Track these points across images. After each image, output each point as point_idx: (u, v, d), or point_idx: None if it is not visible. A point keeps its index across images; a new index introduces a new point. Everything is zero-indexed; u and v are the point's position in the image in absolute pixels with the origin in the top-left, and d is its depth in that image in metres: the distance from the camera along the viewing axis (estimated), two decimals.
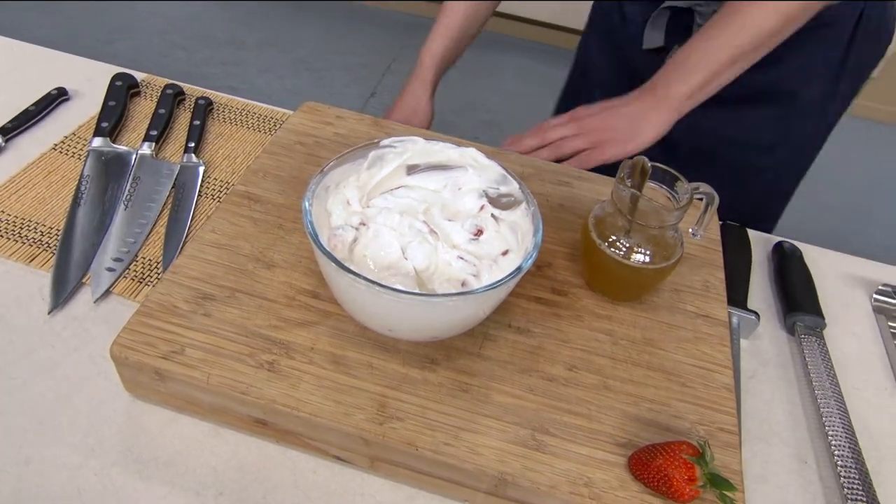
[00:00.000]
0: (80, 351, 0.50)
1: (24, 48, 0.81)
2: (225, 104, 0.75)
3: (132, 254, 0.57)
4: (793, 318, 0.61)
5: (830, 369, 0.57)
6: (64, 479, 0.43)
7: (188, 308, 0.48)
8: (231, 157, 0.69)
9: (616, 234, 0.52)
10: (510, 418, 0.45)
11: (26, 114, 0.68)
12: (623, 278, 0.52)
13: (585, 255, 0.55)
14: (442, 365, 0.48)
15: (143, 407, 0.48)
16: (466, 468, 0.42)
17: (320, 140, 0.65)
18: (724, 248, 0.62)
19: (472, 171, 0.51)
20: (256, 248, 0.53)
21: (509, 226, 0.49)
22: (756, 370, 0.58)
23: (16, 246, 0.56)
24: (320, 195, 0.47)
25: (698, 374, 0.50)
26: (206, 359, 0.45)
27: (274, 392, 0.44)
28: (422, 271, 0.46)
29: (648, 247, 0.51)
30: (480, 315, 0.47)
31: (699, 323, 0.54)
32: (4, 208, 0.59)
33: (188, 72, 2.23)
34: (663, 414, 0.47)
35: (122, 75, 0.73)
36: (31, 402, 0.47)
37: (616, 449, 0.44)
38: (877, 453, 0.53)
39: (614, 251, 0.51)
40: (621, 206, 0.50)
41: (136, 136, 0.69)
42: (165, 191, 0.63)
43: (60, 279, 0.54)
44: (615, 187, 0.50)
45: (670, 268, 0.52)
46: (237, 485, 0.44)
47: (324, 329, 0.48)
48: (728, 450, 0.45)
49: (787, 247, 0.68)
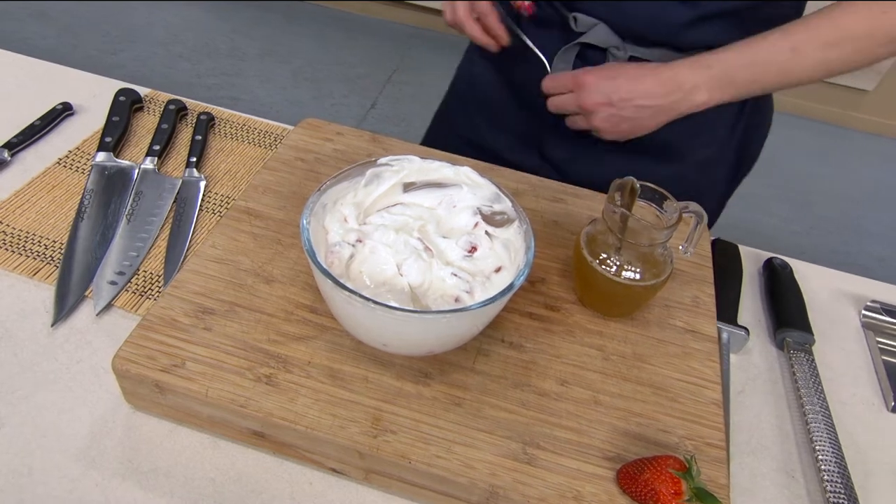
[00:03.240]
0: (82, 363, 0.51)
1: (31, 63, 0.82)
2: (226, 119, 0.77)
3: (134, 267, 0.58)
4: (782, 333, 0.62)
5: (819, 384, 0.58)
6: (66, 489, 0.44)
7: (189, 322, 0.49)
8: (232, 171, 0.70)
9: (607, 251, 0.53)
10: (502, 432, 0.46)
11: (32, 128, 0.70)
12: (614, 295, 0.53)
13: (578, 272, 0.56)
14: (436, 379, 0.49)
15: (144, 418, 0.49)
16: (459, 481, 0.43)
17: (320, 156, 0.67)
18: (714, 264, 0.63)
19: (467, 188, 0.53)
20: (256, 263, 0.55)
21: (502, 243, 0.50)
22: (745, 385, 0.59)
23: (20, 259, 0.57)
24: (318, 212, 0.48)
25: (687, 389, 0.51)
26: (205, 372, 0.46)
27: (271, 405, 0.45)
28: (416, 287, 0.47)
29: (638, 264, 0.52)
30: (474, 331, 0.48)
31: (688, 338, 0.55)
32: (9, 222, 0.60)
33: (191, 83, 2.26)
34: (652, 428, 0.48)
35: (125, 91, 0.75)
36: (34, 413, 0.48)
37: (605, 463, 0.45)
38: (864, 468, 0.54)
39: (605, 269, 0.52)
40: (611, 225, 0.51)
41: (138, 150, 0.70)
42: (167, 205, 0.64)
43: (63, 292, 0.55)
44: (605, 206, 0.52)
45: (660, 285, 0.53)
46: (235, 496, 0.45)
47: (321, 343, 0.49)
48: (715, 464, 0.46)
49: (777, 263, 0.69)
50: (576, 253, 0.55)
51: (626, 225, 0.51)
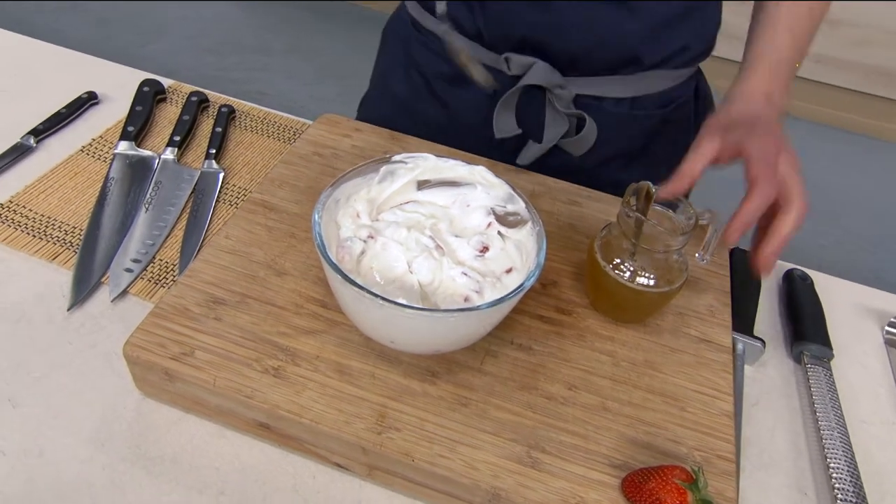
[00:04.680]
0: (96, 348, 0.52)
1: (60, 52, 0.84)
2: (247, 112, 0.77)
3: (150, 256, 0.59)
4: (800, 346, 0.60)
5: (836, 401, 0.57)
6: (74, 471, 0.45)
7: (200, 311, 0.50)
8: (250, 164, 0.71)
9: (621, 256, 0.52)
10: (507, 434, 0.46)
11: (58, 116, 0.71)
12: (627, 301, 0.53)
13: (590, 277, 0.56)
14: (442, 378, 0.48)
15: (153, 405, 0.49)
16: (461, 481, 0.43)
17: (337, 152, 0.67)
18: (732, 272, 0.62)
19: (481, 188, 0.52)
20: (269, 256, 0.55)
21: (515, 244, 0.49)
22: (759, 398, 0.57)
23: (40, 244, 0.58)
24: (330, 207, 0.48)
25: (698, 399, 0.50)
26: (213, 362, 0.47)
27: (278, 398, 0.45)
28: (426, 285, 0.47)
29: (653, 270, 0.51)
30: (482, 331, 0.47)
31: (702, 348, 0.54)
32: (32, 207, 0.62)
33: (217, 76, 2.28)
34: (661, 438, 0.47)
35: (149, 81, 0.76)
36: (48, 395, 0.49)
37: (611, 470, 0.45)
38: (879, 489, 0.52)
39: (618, 273, 0.52)
40: (626, 230, 0.51)
41: (160, 140, 0.71)
42: (185, 195, 0.65)
43: (81, 278, 0.56)
44: (620, 211, 0.51)
45: (674, 292, 0.52)
46: (238, 486, 0.46)
47: (329, 338, 0.49)
48: (724, 477, 0.45)
49: (797, 274, 0.67)
50: (589, 257, 0.54)
51: (641, 230, 0.50)
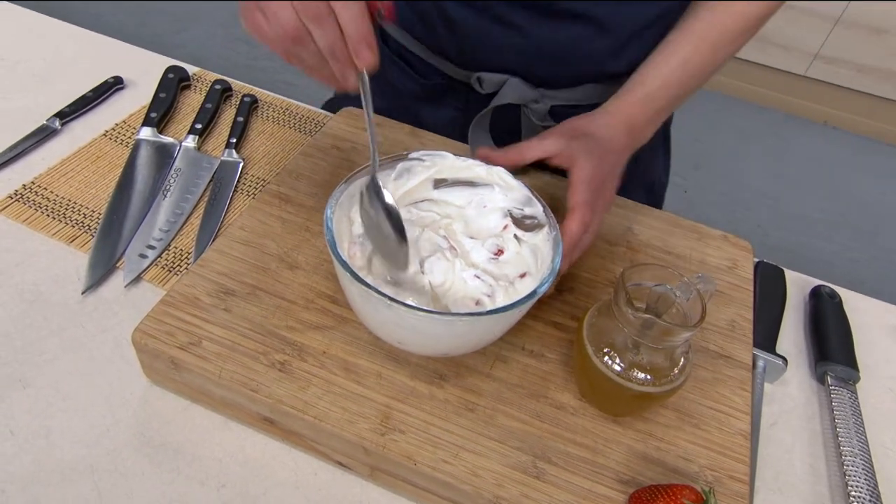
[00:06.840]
0: (107, 333, 0.52)
1: (89, 37, 0.84)
2: (270, 102, 0.77)
3: (165, 242, 0.59)
4: (824, 366, 0.58)
5: (860, 425, 0.55)
6: (79, 454, 0.45)
7: (210, 302, 0.49)
8: (270, 154, 0.71)
9: (614, 347, 0.45)
10: (513, 442, 0.45)
11: (83, 100, 0.72)
12: (620, 397, 0.45)
13: (579, 365, 0.48)
14: (450, 381, 0.47)
15: (159, 393, 0.49)
16: (463, 488, 0.42)
17: (356, 146, 0.66)
18: (756, 287, 0.60)
19: (499, 189, 0.51)
20: (282, 249, 0.54)
21: (530, 248, 0.48)
22: (779, 417, 0.55)
23: (59, 226, 0.59)
24: (344, 203, 0.47)
25: (714, 416, 0.48)
26: (220, 353, 0.46)
27: (282, 392, 0.45)
28: (437, 286, 0.46)
29: (652, 364, 0.44)
30: (492, 336, 0.46)
31: (720, 364, 0.52)
32: (53, 189, 0.62)
33: (247, 65, 2.30)
34: (672, 454, 0.46)
35: (174, 68, 0.76)
36: (57, 377, 0.49)
37: (618, 485, 0.43)
38: None
39: (612, 366, 0.44)
40: (628, 328, 0.43)
41: (182, 128, 0.71)
42: (204, 184, 0.65)
43: (96, 261, 0.56)
44: (618, 311, 0.43)
45: (675, 389, 0.44)
46: (240, 479, 0.45)
47: (338, 335, 0.49)
48: (736, 499, 0.44)
49: (825, 291, 0.65)
50: (577, 342, 0.47)
51: (650, 329, 0.42)
